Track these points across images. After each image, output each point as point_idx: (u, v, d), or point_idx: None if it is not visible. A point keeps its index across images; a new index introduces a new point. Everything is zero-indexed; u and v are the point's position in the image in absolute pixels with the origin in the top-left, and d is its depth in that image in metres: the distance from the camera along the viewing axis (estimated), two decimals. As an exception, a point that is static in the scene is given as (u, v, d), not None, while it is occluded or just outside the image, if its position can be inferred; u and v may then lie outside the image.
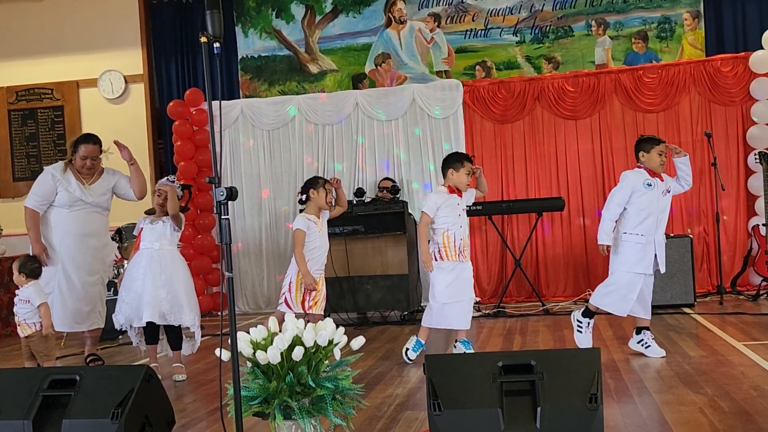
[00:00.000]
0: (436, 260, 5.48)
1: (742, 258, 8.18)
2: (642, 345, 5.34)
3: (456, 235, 5.44)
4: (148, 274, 5.36)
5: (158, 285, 5.34)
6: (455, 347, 5.56)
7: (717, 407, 3.87)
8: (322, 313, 5.59)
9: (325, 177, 8.91)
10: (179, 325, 5.49)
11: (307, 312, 5.51)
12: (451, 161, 5.57)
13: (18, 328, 5.26)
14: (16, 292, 5.26)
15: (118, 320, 5.47)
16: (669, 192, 5.43)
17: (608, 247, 5.44)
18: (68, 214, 5.92)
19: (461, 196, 5.55)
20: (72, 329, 6.06)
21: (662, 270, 5.44)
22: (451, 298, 5.44)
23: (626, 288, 5.37)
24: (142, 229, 5.53)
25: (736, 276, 8.10)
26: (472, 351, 5.47)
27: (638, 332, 5.40)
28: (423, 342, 5.56)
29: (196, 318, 5.50)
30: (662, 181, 5.41)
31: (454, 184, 5.52)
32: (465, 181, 5.50)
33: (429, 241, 5.59)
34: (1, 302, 8.17)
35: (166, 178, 5.62)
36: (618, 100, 8.64)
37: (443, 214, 5.47)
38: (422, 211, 5.53)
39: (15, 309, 5.24)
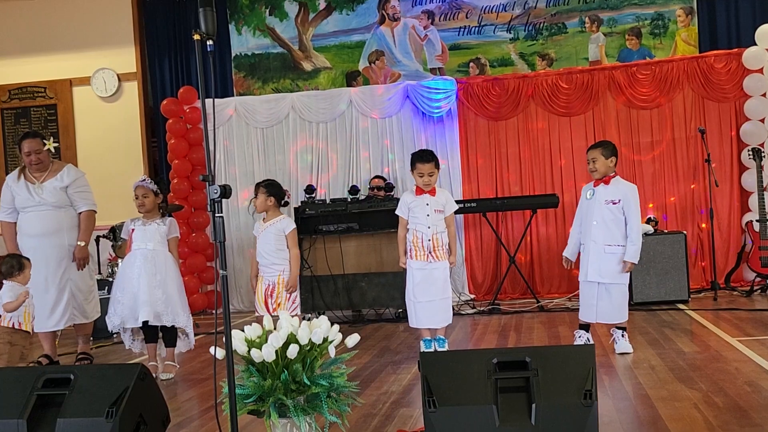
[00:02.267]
0: (410, 259, 5.57)
1: (735, 254, 8.19)
2: (613, 341, 5.40)
3: (424, 235, 5.48)
4: (143, 274, 5.34)
5: (154, 285, 5.33)
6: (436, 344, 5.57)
7: (711, 403, 3.88)
8: (293, 314, 5.55)
9: (320, 175, 8.97)
10: (178, 326, 5.49)
11: (272, 314, 5.49)
12: (411, 163, 5.62)
13: (32, 327, 5.22)
14: (30, 291, 5.19)
15: (113, 321, 5.41)
16: (616, 203, 5.30)
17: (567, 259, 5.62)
18: (23, 216, 5.98)
19: (434, 195, 5.54)
20: (45, 329, 5.92)
21: (590, 278, 5.33)
22: (419, 298, 5.50)
23: (583, 295, 5.45)
24: (132, 230, 5.49)
25: (730, 272, 8.11)
26: (445, 348, 5.48)
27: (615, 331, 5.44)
28: (428, 338, 5.57)
29: (189, 319, 5.51)
30: (607, 185, 5.35)
31: (417, 184, 5.58)
32: (420, 182, 5.51)
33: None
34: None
35: (141, 179, 5.55)
36: (612, 97, 8.65)
37: (412, 214, 5.55)
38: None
39: (31, 309, 5.19)
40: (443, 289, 5.53)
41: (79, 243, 5.98)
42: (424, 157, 5.55)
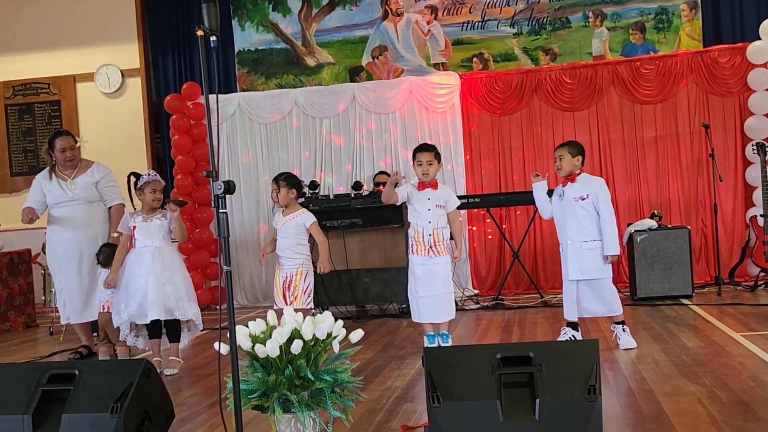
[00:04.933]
0: (411, 254, 5.61)
1: (740, 249, 8.18)
2: (615, 338, 5.42)
3: (424, 230, 5.50)
4: (152, 272, 5.35)
5: (163, 282, 5.36)
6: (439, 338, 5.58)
7: (715, 398, 3.88)
8: (307, 307, 5.63)
9: (323, 171, 8.96)
10: (188, 319, 5.49)
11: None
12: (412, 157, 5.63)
13: None
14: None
15: (122, 317, 5.38)
16: (584, 199, 5.33)
17: None
18: (57, 212, 6.22)
19: (436, 189, 5.54)
20: (80, 320, 6.23)
21: (570, 276, 5.38)
22: (421, 293, 5.52)
23: (565, 294, 5.49)
24: (134, 227, 5.47)
25: (734, 267, 8.10)
26: (449, 344, 5.49)
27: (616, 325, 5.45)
28: (431, 333, 5.58)
29: (197, 310, 5.58)
30: (573, 183, 5.38)
31: (417, 176, 5.60)
32: (419, 171, 5.53)
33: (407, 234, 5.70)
34: (0, 298, 8.12)
35: (154, 173, 5.57)
36: (615, 92, 8.63)
37: (412, 208, 5.57)
38: None
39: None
40: (444, 284, 5.54)
41: (112, 235, 6.17)
42: (422, 147, 5.61)
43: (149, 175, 5.52)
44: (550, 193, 5.74)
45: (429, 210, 5.49)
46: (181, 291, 5.44)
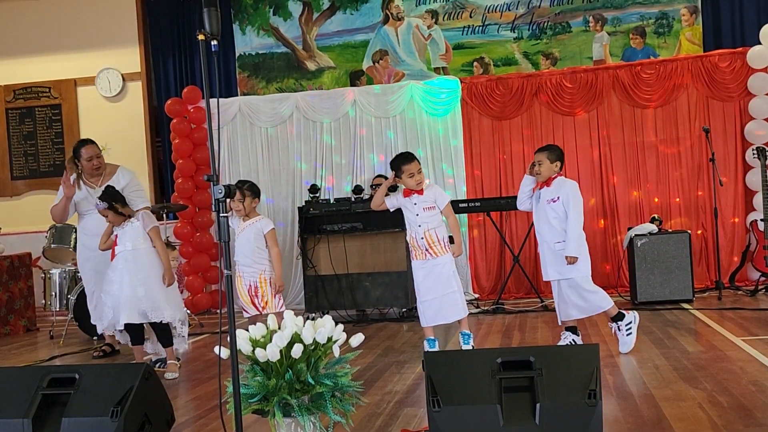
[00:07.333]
0: (412, 259, 5.64)
1: (740, 253, 8.18)
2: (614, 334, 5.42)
3: (417, 234, 5.51)
4: (125, 275, 5.28)
5: (136, 284, 5.26)
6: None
7: (716, 402, 3.87)
8: (281, 310, 5.66)
9: (323, 175, 8.96)
10: (164, 322, 5.42)
11: (262, 312, 5.68)
12: (395, 170, 5.57)
13: None
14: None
15: (102, 324, 5.41)
16: (555, 201, 5.35)
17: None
18: (85, 218, 6.20)
19: (422, 194, 5.53)
20: None
21: (550, 277, 5.42)
22: (424, 296, 5.54)
23: (554, 296, 5.52)
24: (116, 235, 5.40)
25: (735, 271, 8.10)
26: (470, 345, 5.48)
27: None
28: (431, 338, 5.58)
29: (177, 313, 5.43)
30: (548, 186, 5.39)
31: (407, 187, 5.57)
32: (412, 183, 5.49)
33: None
34: (0, 301, 8.11)
35: (101, 203, 5.38)
36: (616, 96, 8.64)
37: (405, 215, 5.61)
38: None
39: None
40: (447, 284, 5.53)
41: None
42: (409, 158, 5.55)
43: (97, 205, 5.40)
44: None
45: (417, 215, 5.52)
46: (157, 293, 5.30)
